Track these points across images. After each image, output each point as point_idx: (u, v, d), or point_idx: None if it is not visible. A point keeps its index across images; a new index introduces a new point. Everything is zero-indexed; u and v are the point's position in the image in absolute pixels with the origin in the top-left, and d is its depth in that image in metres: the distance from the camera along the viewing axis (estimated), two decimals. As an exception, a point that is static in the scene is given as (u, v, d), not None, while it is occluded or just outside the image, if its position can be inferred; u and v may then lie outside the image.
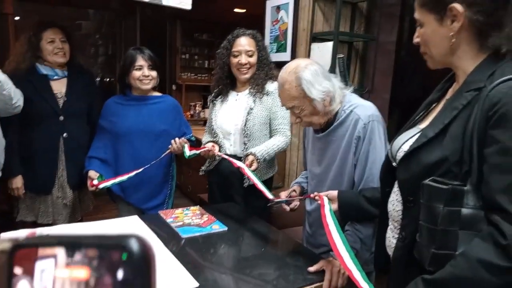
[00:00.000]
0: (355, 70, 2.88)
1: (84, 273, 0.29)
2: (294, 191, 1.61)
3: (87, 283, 0.29)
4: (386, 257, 1.05)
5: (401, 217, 0.97)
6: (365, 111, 1.35)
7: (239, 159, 1.79)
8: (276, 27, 2.84)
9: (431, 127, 0.89)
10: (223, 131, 1.95)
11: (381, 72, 2.82)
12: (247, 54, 1.88)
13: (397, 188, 0.99)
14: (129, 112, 1.98)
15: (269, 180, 1.97)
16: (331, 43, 2.49)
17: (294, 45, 2.71)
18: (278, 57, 2.73)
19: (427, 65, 0.96)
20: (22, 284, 0.30)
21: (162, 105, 2.03)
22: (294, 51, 2.71)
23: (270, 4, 2.90)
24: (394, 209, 1.01)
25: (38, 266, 0.30)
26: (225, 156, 1.80)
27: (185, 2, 2.34)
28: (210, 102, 2.08)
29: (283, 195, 1.55)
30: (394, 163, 1.01)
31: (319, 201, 1.30)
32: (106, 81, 6.21)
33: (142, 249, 0.28)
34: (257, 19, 3.14)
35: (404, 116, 2.44)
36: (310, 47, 2.65)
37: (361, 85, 2.87)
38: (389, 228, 1.05)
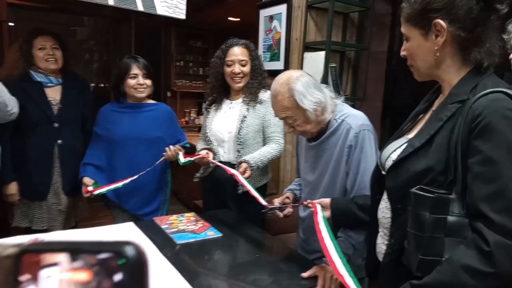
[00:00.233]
0: (347, 79, 2.92)
1: (86, 276, 0.31)
2: (288, 198, 1.63)
3: (88, 286, 0.31)
4: (377, 263, 1.07)
5: (390, 224, 1.00)
6: (356, 120, 1.38)
7: (233, 166, 1.81)
8: (269, 36, 2.88)
9: (418, 137, 0.92)
10: (217, 138, 1.97)
11: (373, 80, 2.87)
12: (241, 63, 1.91)
13: (386, 195, 1.02)
14: (124, 119, 1.99)
15: (263, 187, 1.99)
16: (323, 52, 2.53)
17: (288, 54, 2.74)
18: (272, 65, 2.76)
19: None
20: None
21: (156, 112, 2.05)
22: (287, 60, 2.74)
23: (263, 13, 2.93)
24: (383, 216, 1.03)
25: (43, 270, 0.32)
26: (218, 164, 1.81)
27: (179, 12, 2.36)
28: (204, 110, 2.10)
29: (276, 201, 1.57)
30: (383, 172, 1.04)
31: (312, 208, 1.33)
32: (100, 87, 6.20)
33: (137, 255, 0.31)
34: (251, 27, 3.17)
35: (396, 123, 2.48)
36: (303, 56, 2.69)
37: (354, 93, 2.91)
38: (379, 234, 1.07)
